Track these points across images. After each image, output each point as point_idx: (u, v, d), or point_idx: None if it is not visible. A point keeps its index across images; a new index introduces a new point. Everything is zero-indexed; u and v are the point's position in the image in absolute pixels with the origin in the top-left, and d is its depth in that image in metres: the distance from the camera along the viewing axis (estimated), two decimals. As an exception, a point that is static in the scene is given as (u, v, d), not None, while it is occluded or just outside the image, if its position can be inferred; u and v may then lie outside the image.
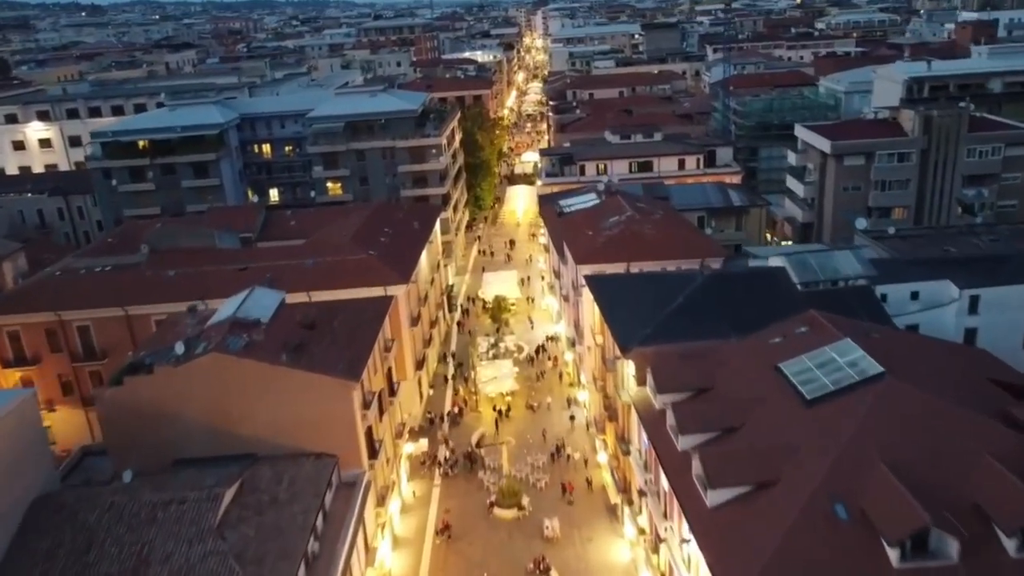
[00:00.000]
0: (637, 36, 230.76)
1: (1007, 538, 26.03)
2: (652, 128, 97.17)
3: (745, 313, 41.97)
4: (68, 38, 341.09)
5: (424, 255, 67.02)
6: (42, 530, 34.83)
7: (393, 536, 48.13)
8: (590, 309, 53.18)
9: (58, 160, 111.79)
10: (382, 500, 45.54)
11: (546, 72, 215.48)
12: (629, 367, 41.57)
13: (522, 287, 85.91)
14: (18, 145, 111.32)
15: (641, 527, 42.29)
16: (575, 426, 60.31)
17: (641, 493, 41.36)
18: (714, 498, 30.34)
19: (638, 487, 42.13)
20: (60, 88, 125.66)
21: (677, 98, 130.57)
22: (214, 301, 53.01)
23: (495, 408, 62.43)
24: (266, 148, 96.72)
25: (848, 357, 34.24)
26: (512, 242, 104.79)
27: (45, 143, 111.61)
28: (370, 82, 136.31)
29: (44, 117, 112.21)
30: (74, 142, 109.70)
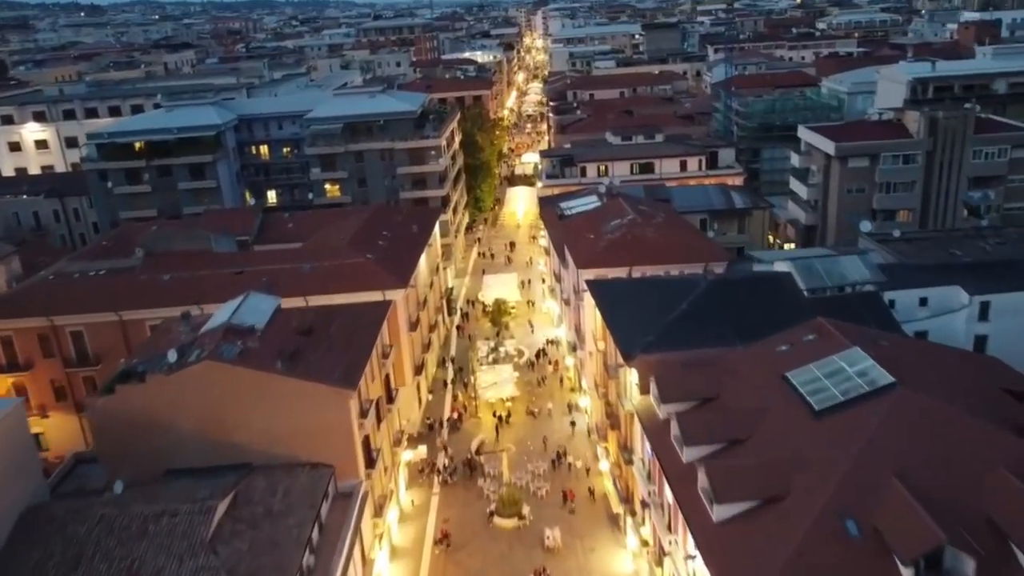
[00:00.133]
0: (638, 36, 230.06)
1: (1024, 556, 25.23)
2: (653, 129, 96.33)
3: (750, 320, 41.13)
4: (67, 38, 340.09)
5: (423, 258, 66.13)
6: (31, 543, 33.98)
7: (391, 546, 47.28)
8: (591, 314, 52.28)
9: (54, 161, 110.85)
10: (380, 510, 44.66)
11: (546, 72, 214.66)
12: (632, 375, 40.69)
13: (522, 290, 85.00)
14: (14, 146, 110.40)
15: (644, 539, 41.39)
16: (576, 432, 59.41)
17: (644, 504, 40.49)
18: (720, 513, 29.49)
19: (641, 498, 41.26)
20: (57, 89, 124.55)
21: (678, 99, 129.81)
22: (209, 306, 52.44)
23: (495, 414, 61.53)
24: (264, 149, 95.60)
25: (857, 366, 33.39)
26: (512, 244, 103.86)
27: (41, 144, 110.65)
28: (369, 83, 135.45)
29: (40, 118, 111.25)
30: (71, 143, 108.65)
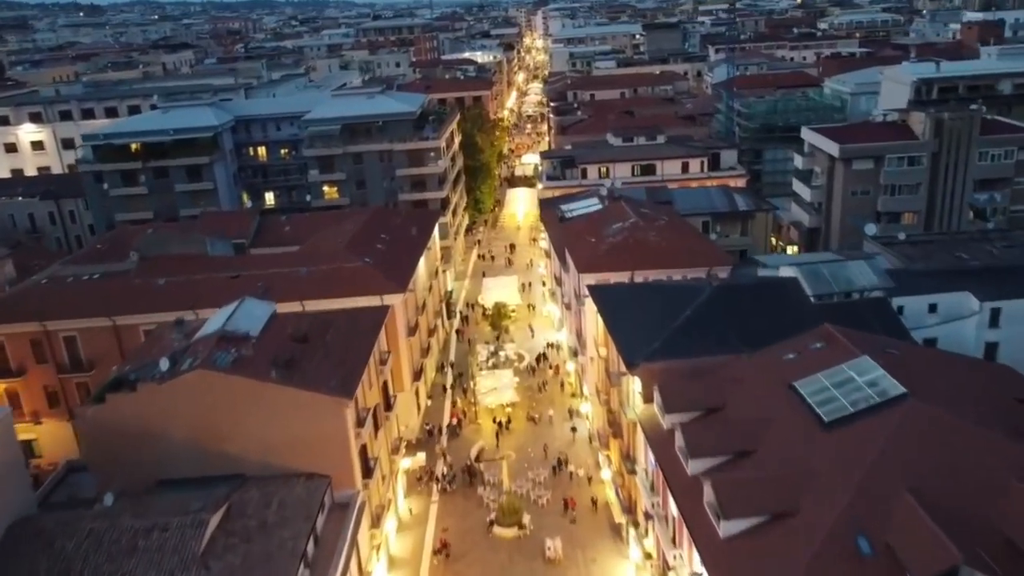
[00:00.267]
0: (638, 36, 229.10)
1: (1044, 577, 24.30)
2: (655, 130, 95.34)
3: (756, 326, 40.21)
4: (65, 38, 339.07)
5: (422, 262, 65.19)
6: (17, 558, 33.13)
7: (389, 556, 46.33)
8: (593, 320, 51.32)
9: (51, 163, 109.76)
10: (377, 520, 43.71)
11: (546, 72, 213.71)
12: (635, 383, 39.76)
13: (523, 293, 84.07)
14: (10, 148, 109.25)
15: (648, 551, 40.44)
16: (576, 438, 58.48)
17: (647, 516, 39.55)
18: (727, 529, 28.57)
19: (644, 509, 40.32)
20: (53, 89, 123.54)
21: (679, 99, 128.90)
22: (204, 311, 51.64)
23: (495, 420, 60.59)
24: (261, 151, 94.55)
25: (867, 376, 32.49)
26: (512, 246, 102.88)
27: (37, 145, 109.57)
28: (369, 83, 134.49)
29: (36, 119, 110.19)
30: (67, 144, 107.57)
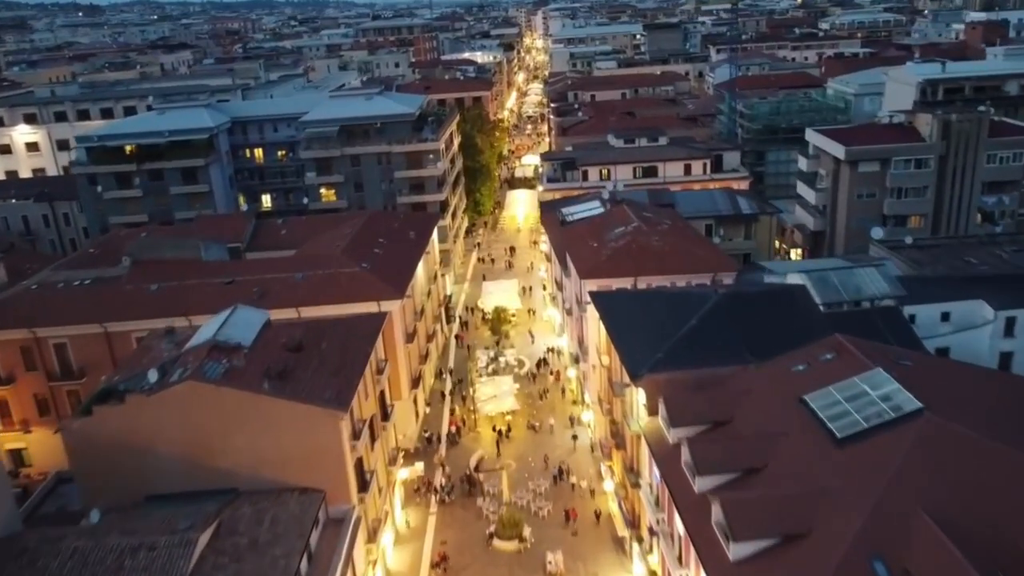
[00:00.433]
0: (639, 36, 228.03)
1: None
2: (656, 132, 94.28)
3: (763, 336, 39.00)
4: (63, 38, 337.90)
5: (421, 266, 63.99)
6: (0, 578, 31.93)
7: (386, 571, 45.14)
8: (595, 327, 50.08)
9: (46, 164, 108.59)
10: (373, 534, 42.50)
11: (547, 73, 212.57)
12: (639, 395, 38.57)
13: (523, 297, 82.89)
14: (4, 149, 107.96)
15: (652, 569, 39.24)
16: (577, 446, 57.32)
17: (652, 532, 38.34)
18: (737, 551, 27.35)
19: (649, 524, 39.11)
20: (48, 90, 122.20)
21: (680, 100, 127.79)
22: (198, 317, 50.55)
23: (495, 428, 59.39)
24: (258, 153, 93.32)
25: (881, 390, 31.27)
26: (512, 249, 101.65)
27: (32, 147, 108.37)
28: (368, 83, 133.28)
29: (31, 120, 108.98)
30: (62, 146, 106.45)
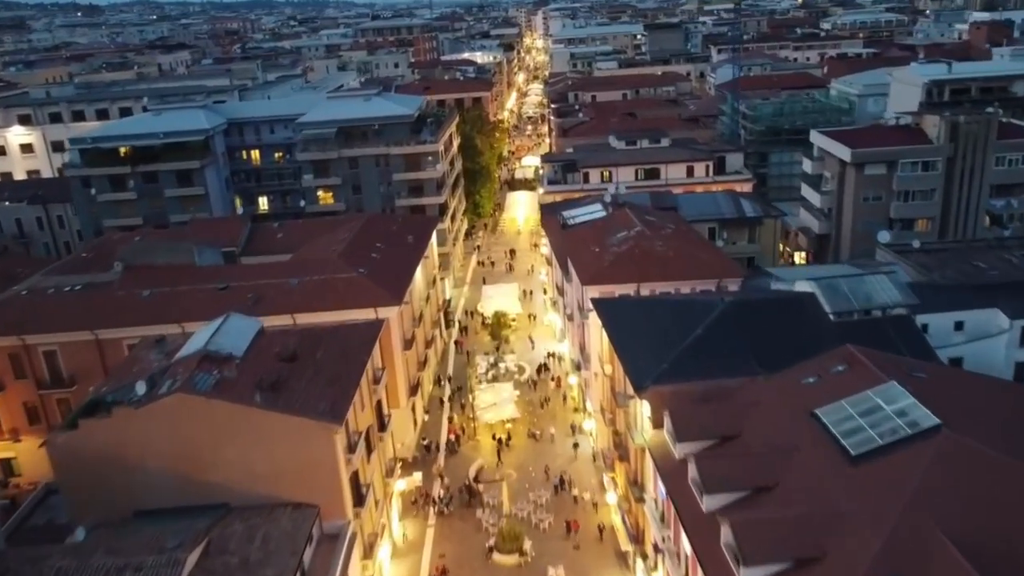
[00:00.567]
0: (639, 36, 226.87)
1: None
2: (658, 133, 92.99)
3: (772, 346, 37.81)
4: (61, 38, 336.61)
5: (419, 271, 62.77)
6: (-20, 600, 30.77)
7: (383, 585, 43.99)
8: (598, 334, 48.83)
9: (40, 166, 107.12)
10: (370, 549, 41.31)
11: (547, 73, 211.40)
12: (644, 407, 37.35)
13: (523, 301, 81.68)
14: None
15: (657, 586, 38.09)
16: (579, 455, 56.12)
17: (657, 549, 37.14)
18: (748, 576, 26.15)
19: (653, 540, 37.90)
20: (43, 91, 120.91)
21: (682, 100, 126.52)
22: (191, 324, 49.42)
23: (495, 436, 58.14)
24: (255, 154, 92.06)
25: (896, 405, 30.07)
26: (513, 252, 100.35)
27: (27, 148, 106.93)
28: (367, 84, 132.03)
29: (26, 121, 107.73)
30: (57, 147, 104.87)
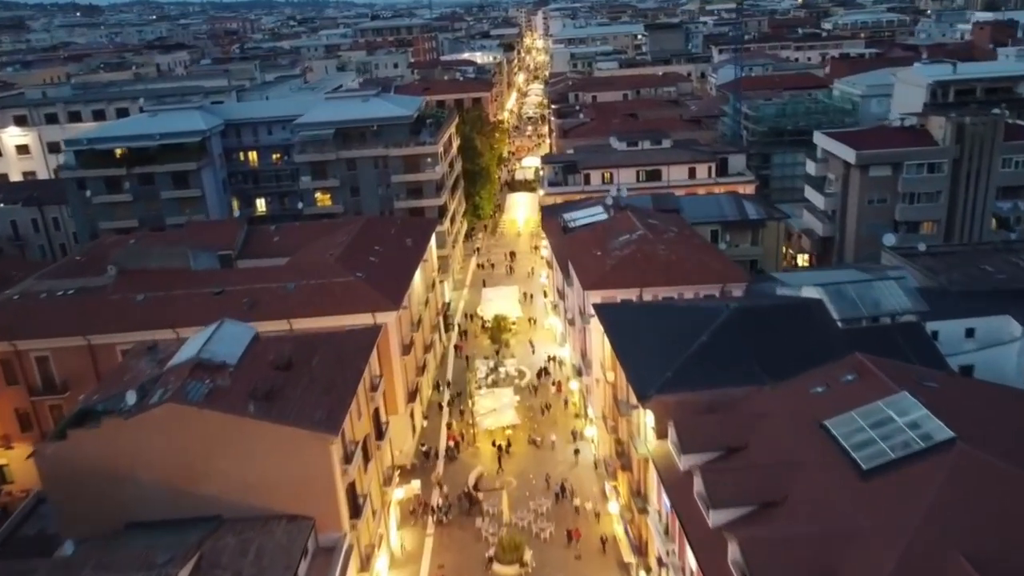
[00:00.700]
0: (640, 37, 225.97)
1: None
2: (660, 134, 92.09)
3: (779, 353, 36.80)
4: (60, 38, 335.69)
5: (418, 275, 61.86)
6: (-37, 617, 29.86)
7: (380, 598, 43.06)
8: (599, 340, 47.89)
9: (36, 167, 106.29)
10: (367, 562, 40.38)
11: (547, 73, 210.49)
12: (647, 417, 36.43)
13: (523, 304, 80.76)
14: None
15: (661, 601, 37.16)
16: (580, 461, 55.23)
17: (661, 563, 36.21)
18: (758, 596, 25.21)
19: (657, 554, 36.99)
20: (39, 91, 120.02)
21: (683, 101, 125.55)
22: (186, 329, 48.61)
23: (494, 443, 57.23)
24: (252, 156, 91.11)
25: (908, 416, 29.15)
26: (513, 254, 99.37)
27: (22, 149, 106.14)
28: (366, 84, 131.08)
29: (22, 122, 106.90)
30: (53, 148, 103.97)
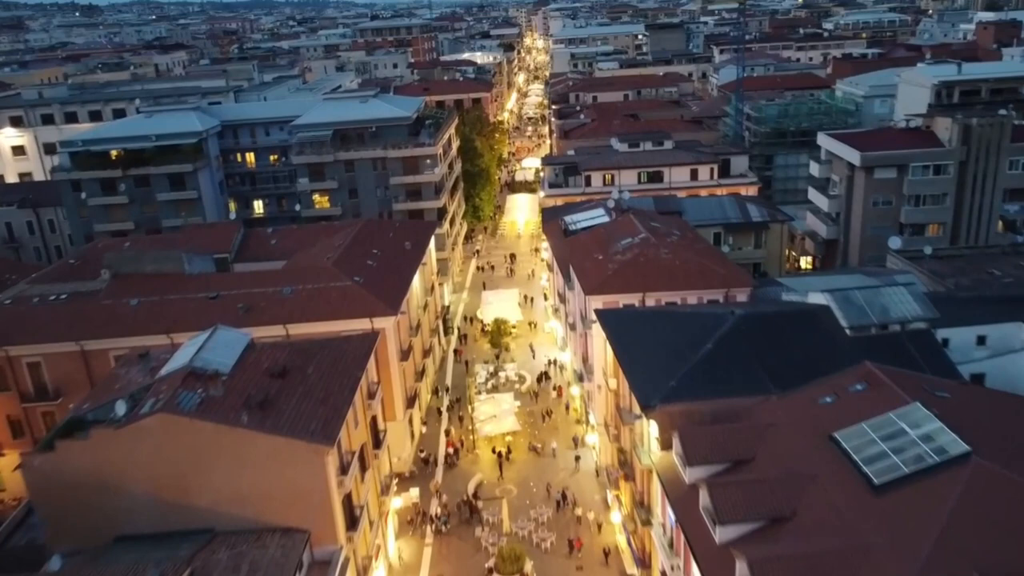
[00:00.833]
0: (640, 37, 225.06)
1: None
2: (662, 135, 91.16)
3: (786, 362, 36.02)
4: (58, 39, 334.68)
5: (416, 278, 60.94)
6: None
7: (377, 610, 42.17)
8: (601, 345, 46.98)
9: (32, 168, 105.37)
10: (364, 574, 39.48)
11: (547, 73, 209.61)
12: (651, 427, 35.52)
13: (523, 306, 79.84)
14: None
15: (666, 616, 36.24)
16: (581, 467, 54.34)
17: (665, 576, 35.36)
18: (767, 617, 24.35)
19: (662, 568, 36.07)
20: (36, 92, 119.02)
21: (685, 102, 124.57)
22: (180, 335, 47.86)
23: (494, 450, 56.31)
24: (250, 157, 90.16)
25: (921, 429, 28.30)
26: (513, 256, 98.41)
27: (18, 150, 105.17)
28: (364, 85, 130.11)
29: (17, 123, 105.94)
30: (49, 149, 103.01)
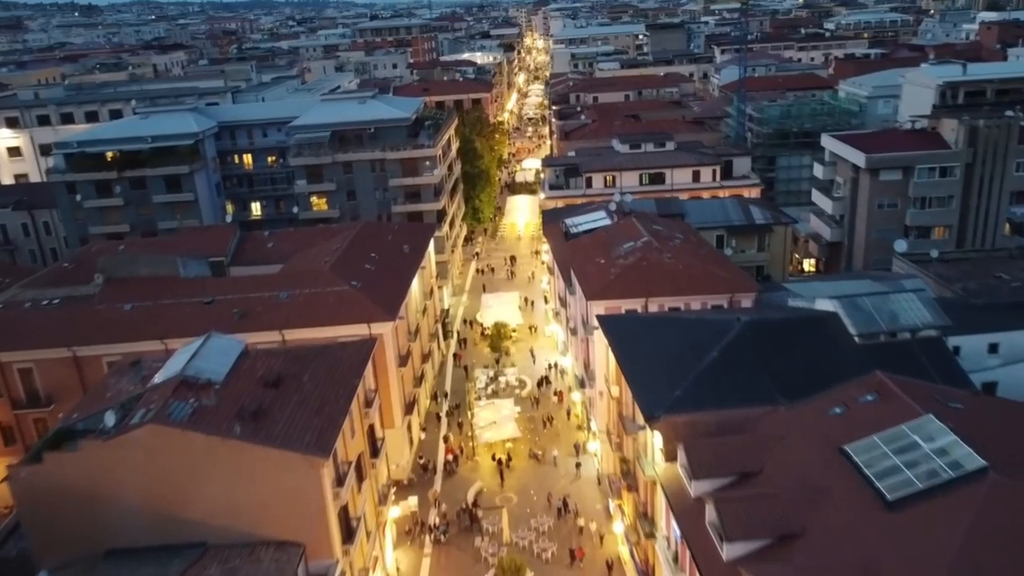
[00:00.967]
0: (641, 37, 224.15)
1: None
2: (663, 136, 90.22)
3: (793, 370, 35.12)
4: (57, 39, 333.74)
5: (415, 282, 60.04)
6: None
7: (375, 623, 41.24)
8: (603, 352, 46.11)
9: (28, 170, 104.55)
10: (360, 587, 38.60)
11: (547, 73, 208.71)
12: (655, 437, 34.61)
13: (524, 309, 78.94)
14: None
15: (670, 631, 35.33)
16: (581, 475, 53.42)
17: (670, 591, 34.43)
18: (778, 641, 23.46)
19: (665, 582, 35.21)
20: (32, 92, 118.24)
21: (686, 102, 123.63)
22: (174, 341, 46.99)
23: (494, 457, 55.40)
24: (247, 158, 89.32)
25: (935, 442, 27.39)
26: (513, 258, 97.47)
27: (14, 152, 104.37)
28: (364, 85, 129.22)
29: (13, 124, 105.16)
30: (45, 151, 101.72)
